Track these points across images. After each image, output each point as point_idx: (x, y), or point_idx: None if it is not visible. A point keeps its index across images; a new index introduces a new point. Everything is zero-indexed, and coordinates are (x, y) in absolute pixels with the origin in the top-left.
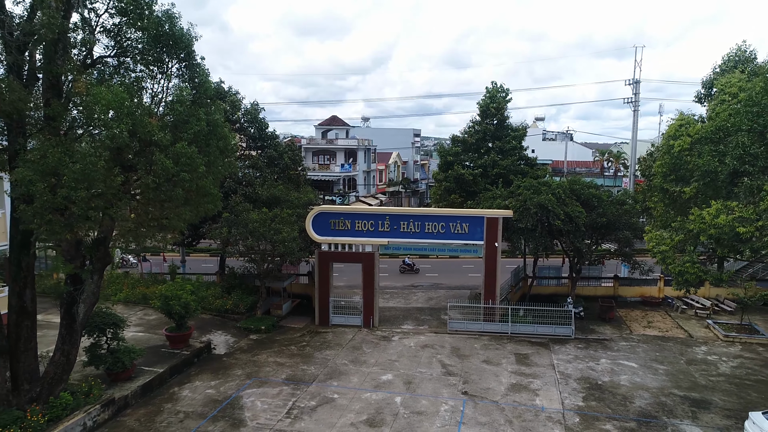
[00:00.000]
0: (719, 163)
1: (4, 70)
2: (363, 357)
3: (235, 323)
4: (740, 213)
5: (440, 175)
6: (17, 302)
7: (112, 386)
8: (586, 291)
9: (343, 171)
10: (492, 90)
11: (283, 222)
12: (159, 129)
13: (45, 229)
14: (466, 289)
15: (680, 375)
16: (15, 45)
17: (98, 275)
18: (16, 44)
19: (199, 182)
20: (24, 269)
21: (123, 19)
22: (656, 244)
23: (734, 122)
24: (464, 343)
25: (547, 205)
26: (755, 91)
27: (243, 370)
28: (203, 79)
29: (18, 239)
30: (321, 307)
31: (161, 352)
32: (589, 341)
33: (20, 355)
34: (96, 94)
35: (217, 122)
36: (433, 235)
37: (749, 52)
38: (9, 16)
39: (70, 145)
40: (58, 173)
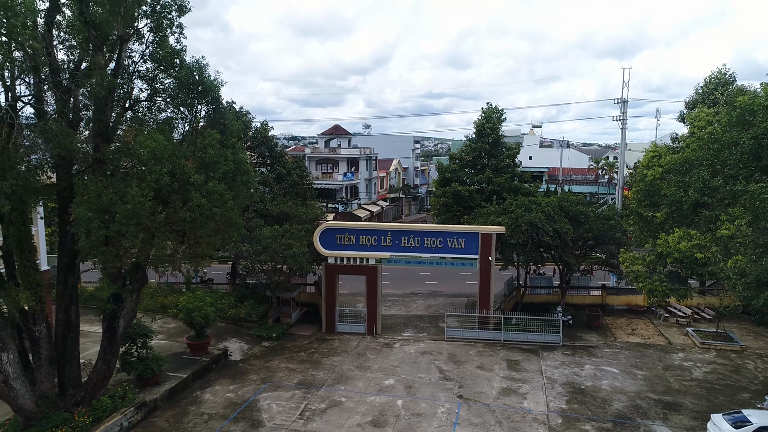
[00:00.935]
0: (684, 194)
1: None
2: (367, 363)
3: (248, 331)
4: (698, 241)
5: (439, 190)
6: (64, 317)
7: (142, 390)
8: (576, 299)
9: (345, 180)
10: (487, 111)
11: (292, 237)
12: (194, 171)
13: (99, 259)
14: (464, 297)
15: (656, 380)
16: (63, 90)
17: (136, 294)
18: (64, 90)
19: (227, 215)
20: (69, 288)
21: (156, 65)
22: (630, 264)
23: (698, 156)
24: (460, 349)
25: (537, 223)
26: (718, 127)
27: (258, 375)
28: (229, 122)
29: (65, 262)
30: (328, 316)
31: (183, 358)
32: (575, 348)
33: (66, 364)
34: (142, 142)
35: (242, 160)
36: (431, 249)
37: (728, 75)
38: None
39: (121, 187)
40: (110, 211)
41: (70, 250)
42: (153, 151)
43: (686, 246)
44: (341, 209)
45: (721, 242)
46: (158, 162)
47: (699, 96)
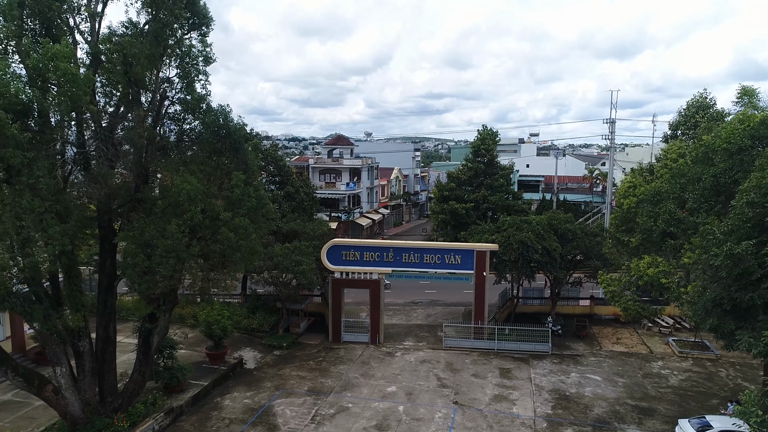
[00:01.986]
0: (654, 223)
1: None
2: (371, 371)
3: (260, 340)
4: (663, 267)
5: (438, 207)
6: (103, 333)
7: (169, 397)
8: (566, 309)
9: (348, 189)
10: (483, 133)
11: (302, 254)
12: (223, 209)
13: (141, 287)
14: (461, 306)
15: (635, 387)
16: (109, 141)
17: (169, 314)
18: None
19: (251, 245)
20: (108, 308)
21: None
22: (607, 285)
23: (667, 189)
24: (457, 358)
25: (527, 242)
26: (688, 159)
27: (272, 383)
28: (252, 162)
29: (104, 284)
30: (334, 326)
31: (203, 367)
32: (563, 357)
33: (105, 375)
34: (179, 185)
35: (263, 196)
36: (430, 265)
37: (709, 99)
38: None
39: (160, 224)
40: (152, 245)
41: (109, 274)
42: (188, 193)
43: (653, 272)
44: (344, 218)
45: (684, 269)
46: (192, 202)
47: (681, 118)
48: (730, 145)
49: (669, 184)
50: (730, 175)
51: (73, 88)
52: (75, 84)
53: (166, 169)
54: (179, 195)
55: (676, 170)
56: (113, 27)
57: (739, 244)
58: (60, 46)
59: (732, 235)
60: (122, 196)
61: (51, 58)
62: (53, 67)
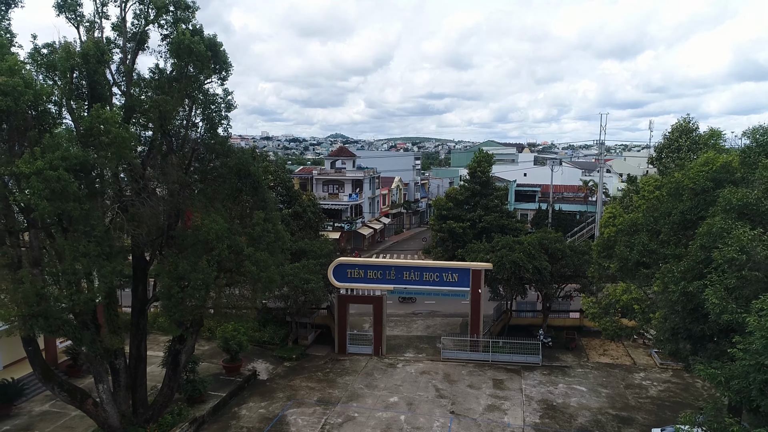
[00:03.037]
0: (629, 252)
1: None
2: (375, 382)
3: (271, 352)
4: (635, 294)
5: (436, 225)
6: (136, 351)
7: (191, 407)
8: (557, 322)
9: (350, 200)
10: (479, 156)
11: (310, 272)
12: (246, 245)
13: (175, 315)
14: (459, 317)
15: (617, 397)
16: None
17: (195, 335)
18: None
19: (270, 275)
20: (141, 329)
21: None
22: (588, 307)
23: (642, 221)
24: (454, 369)
25: (518, 262)
26: (664, 191)
27: (284, 393)
28: (269, 200)
29: (137, 308)
30: (340, 339)
31: (220, 379)
32: (552, 368)
33: (138, 389)
34: (208, 225)
35: (280, 231)
36: (429, 282)
37: (692, 123)
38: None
39: (192, 259)
40: (184, 278)
41: (141, 298)
42: (216, 231)
43: (626, 298)
44: (347, 228)
45: (653, 297)
46: (220, 240)
47: (666, 142)
48: (695, 185)
49: (644, 217)
50: (695, 213)
51: (121, 148)
52: (123, 145)
53: (194, 207)
54: (208, 233)
55: (651, 204)
56: (142, 73)
57: (692, 283)
58: (110, 113)
59: (687, 274)
60: (157, 234)
61: (102, 121)
62: (105, 130)
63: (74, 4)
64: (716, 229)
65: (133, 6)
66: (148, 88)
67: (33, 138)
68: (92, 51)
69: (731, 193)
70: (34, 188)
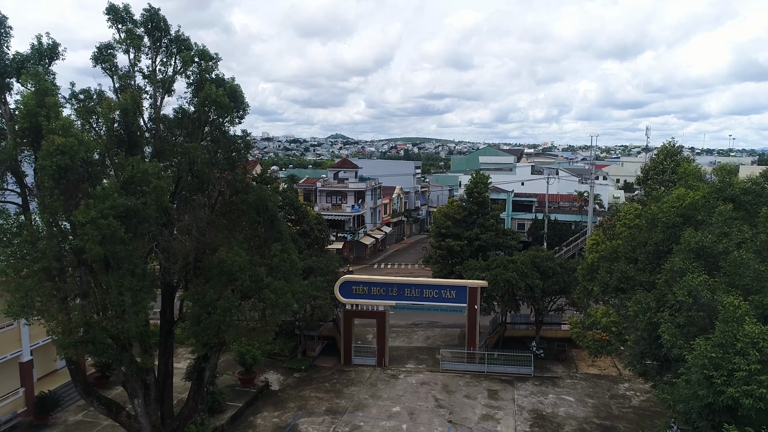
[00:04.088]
0: (610, 278)
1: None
2: (378, 393)
3: (281, 363)
4: (613, 318)
5: (435, 243)
6: (164, 368)
7: (212, 417)
8: (549, 333)
9: (353, 211)
10: (476, 177)
11: (317, 289)
12: (265, 274)
13: (203, 338)
14: (457, 327)
15: (602, 407)
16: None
17: (218, 353)
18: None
19: (286, 301)
20: (168, 347)
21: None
22: (572, 326)
23: (622, 248)
24: (452, 380)
25: (512, 281)
26: (642, 222)
27: (295, 403)
28: (285, 231)
29: (165, 329)
30: (345, 351)
31: (236, 390)
32: (543, 379)
33: (165, 401)
34: (231, 258)
35: (294, 260)
36: (429, 299)
37: (676, 146)
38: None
39: (218, 289)
40: (211, 305)
41: (168, 320)
42: (239, 264)
43: (605, 320)
44: (349, 238)
45: (629, 321)
46: (242, 271)
47: (652, 164)
48: (667, 220)
49: (623, 245)
50: (667, 245)
51: (160, 196)
52: (161, 193)
53: (218, 240)
54: (232, 265)
55: (630, 233)
56: (167, 113)
57: (657, 315)
58: (150, 165)
59: (653, 305)
60: (185, 265)
61: (143, 172)
62: (145, 180)
63: (110, 56)
64: (677, 268)
65: (162, 57)
66: (175, 130)
67: (86, 189)
68: (130, 105)
69: (690, 235)
70: (89, 235)
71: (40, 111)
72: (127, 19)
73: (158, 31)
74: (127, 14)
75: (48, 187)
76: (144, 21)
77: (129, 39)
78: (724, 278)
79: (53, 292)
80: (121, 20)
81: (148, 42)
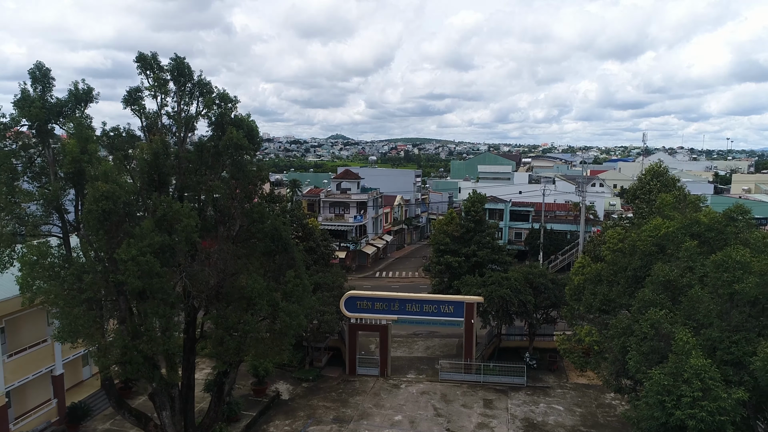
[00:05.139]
0: (593, 299)
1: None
2: (381, 402)
3: (290, 374)
4: (595, 337)
5: (435, 258)
6: (187, 382)
7: (228, 425)
8: (542, 344)
9: (355, 222)
10: (472, 196)
11: (324, 304)
12: (281, 299)
13: (225, 357)
14: (456, 337)
15: (589, 416)
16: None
17: (236, 368)
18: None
19: (299, 322)
20: (191, 363)
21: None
22: (560, 343)
23: (604, 273)
24: (450, 390)
25: (506, 297)
26: (625, 247)
27: (304, 412)
28: (298, 257)
29: (188, 346)
30: (350, 362)
31: (249, 399)
32: (535, 388)
33: (188, 412)
34: (251, 285)
35: (306, 284)
36: (428, 313)
37: (662, 168)
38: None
39: (239, 313)
40: (233, 328)
41: (191, 338)
42: (258, 291)
43: (588, 339)
44: (352, 248)
45: (609, 340)
46: (261, 297)
47: (639, 184)
48: (644, 248)
49: (606, 269)
50: (644, 271)
51: (190, 233)
52: (192, 230)
53: (237, 267)
54: (252, 292)
55: (613, 257)
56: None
57: (629, 339)
58: (181, 206)
59: (626, 330)
60: (209, 291)
61: (175, 212)
62: (176, 219)
63: (139, 98)
64: (647, 299)
65: (185, 98)
66: (197, 165)
67: (126, 229)
68: (161, 148)
69: (659, 269)
70: (130, 271)
71: (83, 157)
72: (155, 67)
73: (183, 77)
74: (155, 62)
75: (93, 228)
76: (171, 69)
77: (157, 85)
78: (683, 311)
79: (96, 320)
80: (149, 67)
81: (173, 87)
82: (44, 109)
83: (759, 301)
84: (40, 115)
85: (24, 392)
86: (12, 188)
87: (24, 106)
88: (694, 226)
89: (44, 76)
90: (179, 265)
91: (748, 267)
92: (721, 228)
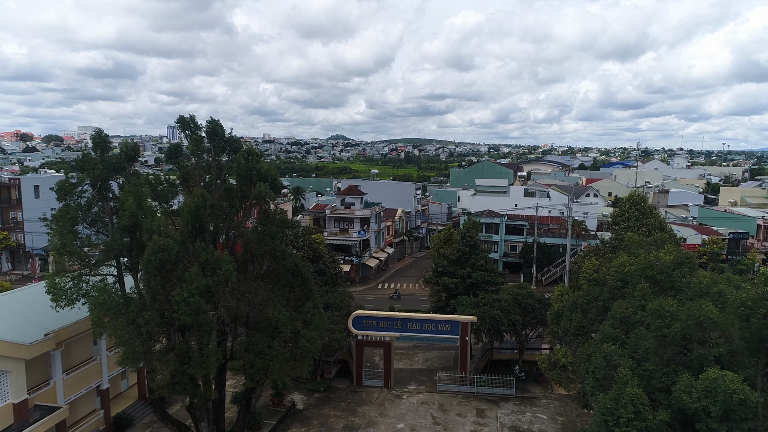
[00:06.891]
0: (570, 324)
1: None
2: (386, 411)
3: (303, 385)
4: (570, 359)
5: (433, 279)
6: (219, 396)
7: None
8: (531, 357)
9: (359, 236)
10: (468, 222)
11: (334, 322)
12: (302, 327)
13: (255, 377)
14: (453, 350)
15: (569, 424)
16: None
17: (262, 385)
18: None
19: (316, 346)
20: (222, 380)
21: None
22: (541, 362)
23: (579, 301)
24: (447, 400)
25: (496, 317)
26: (599, 277)
27: (317, 421)
28: (314, 290)
29: (220, 365)
30: (357, 374)
31: (269, 409)
32: (523, 399)
33: (219, 422)
34: (276, 315)
35: (322, 313)
36: (428, 331)
37: (640, 197)
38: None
39: (267, 339)
40: (262, 352)
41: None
42: (282, 320)
43: (564, 360)
44: (356, 261)
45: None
46: (285, 326)
47: (619, 211)
48: (611, 282)
49: (581, 297)
50: (611, 302)
51: (228, 276)
52: (230, 275)
53: (263, 299)
54: (277, 321)
55: (587, 288)
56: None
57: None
58: (221, 254)
59: (591, 357)
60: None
61: (216, 259)
62: (217, 265)
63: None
64: (606, 332)
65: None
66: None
67: (177, 275)
68: (201, 202)
69: (618, 306)
70: (183, 310)
71: (139, 212)
72: (192, 127)
73: (216, 136)
74: (192, 123)
75: (152, 274)
76: (207, 130)
77: (195, 146)
78: (630, 346)
79: (151, 348)
80: (188, 128)
81: (207, 144)
82: (104, 169)
83: (686, 337)
84: (102, 175)
85: (75, 404)
86: (75, 233)
87: (87, 167)
88: (647, 269)
89: (103, 141)
90: (219, 302)
91: (675, 315)
92: (669, 272)
